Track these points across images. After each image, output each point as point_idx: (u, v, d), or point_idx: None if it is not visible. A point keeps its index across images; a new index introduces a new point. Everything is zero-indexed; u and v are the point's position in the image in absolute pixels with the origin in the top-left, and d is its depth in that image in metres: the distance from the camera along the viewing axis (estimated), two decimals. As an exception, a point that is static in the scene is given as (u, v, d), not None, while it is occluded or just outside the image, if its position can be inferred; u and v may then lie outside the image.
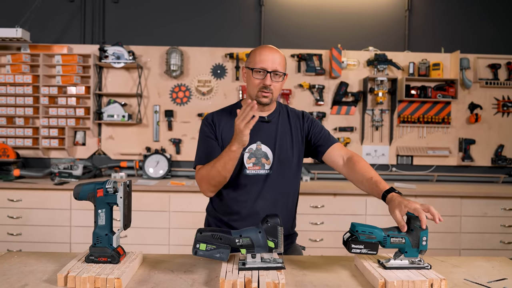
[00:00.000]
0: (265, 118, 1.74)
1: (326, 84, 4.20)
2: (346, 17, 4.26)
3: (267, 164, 1.70)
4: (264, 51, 1.66)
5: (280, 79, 1.67)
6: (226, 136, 1.71)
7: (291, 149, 1.74)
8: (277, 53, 1.68)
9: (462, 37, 4.23)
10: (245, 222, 1.67)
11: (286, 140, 1.74)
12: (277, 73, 1.65)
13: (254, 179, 1.69)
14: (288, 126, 1.77)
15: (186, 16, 4.25)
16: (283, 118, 1.78)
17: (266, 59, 1.64)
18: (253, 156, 1.69)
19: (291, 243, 1.87)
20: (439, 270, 1.35)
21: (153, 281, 1.25)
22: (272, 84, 1.65)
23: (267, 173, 1.70)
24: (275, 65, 1.64)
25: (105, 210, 1.32)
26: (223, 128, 1.74)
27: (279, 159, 1.70)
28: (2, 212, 3.48)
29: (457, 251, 3.55)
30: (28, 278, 1.25)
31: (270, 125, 1.74)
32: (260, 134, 1.71)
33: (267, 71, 1.63)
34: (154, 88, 4.21)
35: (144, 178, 3.96)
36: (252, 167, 1.69)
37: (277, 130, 1.74)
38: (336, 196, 3.52)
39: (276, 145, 1.71)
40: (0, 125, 4.03)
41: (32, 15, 3.92)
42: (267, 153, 1.70)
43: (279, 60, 1.66)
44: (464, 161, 4.21)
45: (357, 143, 4.24)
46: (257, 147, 1.70)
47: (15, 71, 4.01)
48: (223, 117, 1.77)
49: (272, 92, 1.66)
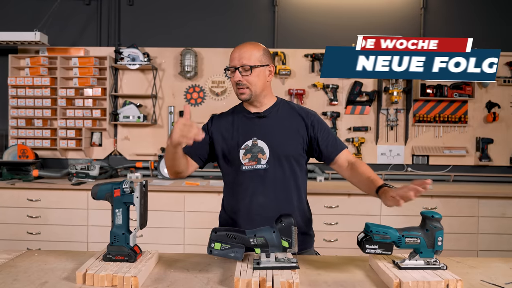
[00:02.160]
0: (260, 114, 1.74)
1: (340, 83, 4.18)
2: (360, 15, 4.23)
3: (263, 159, 1.68)
4: (234, 50, 1.69)
5: (249, 72, 1.64)
6: (220, 133, 1.76)
7: (289, 142, 1.71)
8: (245, 47, 1.68)
9: (478, 35, 4.13)
10: (247, 218, 1.68)
11: (285, 134, 1.71)
12: (245, 67, 1.64)
13: (251, 175, 1.69)
14: (288, 121, 1.74)
15: (200, 17, 4.29)
16: (281, 113, 1.75)
17: (233, 56, 1.67)
18: (249, 152, 1.69)
19: (306, 248, 1.84)
20: (455, 271, 1.33)
21: (169, 279, 1.27)
22: (243, 79, 1.65)
23: (264, 168, 1.68)
24: (241, 60, 1.64)
25: (122, 210, 1.35)
26: (223, 127, 1.77)
27: (276, 153, 1.68)
28: (22, 212, 3.56)
29: (475, 252, 3.49)
30: (48, 275, 1.28)
31: (266, 120, 1.73)
32: (256, 130, 1.71)
33: (235, 67, 1.65)
34: (168, 89, 4.25)
35: (159, 178, 4.00)
36: (248, 162, 1.69)
37: (273, 124, 1.72)
38: (351, 196, 3.50)
39: (272, 139, 1.70)
40: (20, 127, 4.13)
41: (50, 19, 4.00)
42: (263, 148, 1.69)
43: (247, 54, 1.65)
44: (482, 160, 4.14)
45: (371, 143, 4.21)
46: (253, 143, 1.69)
47: (34, 73, 4.10)
48: (225, 117, 1.81)
49: (248, 86, 1.66)
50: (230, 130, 1.75)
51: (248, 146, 1.70)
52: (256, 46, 1.69)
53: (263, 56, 1.68)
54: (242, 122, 1.75)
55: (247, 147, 1.70)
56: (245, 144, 1.70)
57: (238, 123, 1.75)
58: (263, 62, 1.68)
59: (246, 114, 1.76)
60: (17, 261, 1.42)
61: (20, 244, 3.52)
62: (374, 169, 4.15)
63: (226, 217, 1.81)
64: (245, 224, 1.66)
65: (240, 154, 1.70)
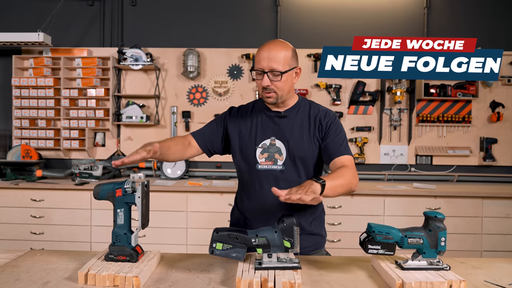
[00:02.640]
0: (281, 113, 1.70)
1: (343, 83, 4.17)
2: (363, 15, 4.22)
3: (280, 159, 1.65)
4: (263, 50, 1.58)
5: (279, 78, 1.57)
6: (237, 128, 1.73)
7: (307, 145, 1.67)
8: (276, 49, 1.57)
9: (482, 34, 4.14)
10: (259, 217, 1.66)
11: (303, 136, 1.67)
12: (274, 72, 1.56)
13: (266, 175, 1.66)
14: (307, 122, 1.69)
15: (202, 17, 4.29)
16: (302, 114, 1.71)
17: (261, 57, 1.57)
18: (266, 151, 1.67)
19: (318, 248, 1.81)
20: (459, 271, 1.32)
21: (170, 279, 1.27)
22: (271, 84, 1.58)
23: (281, 169, 1.65)
24: (271, 64, 1.55)
25: (123, 210, 1.35)
26: (241, 121, 1.74)
27: (293, 155, 1.65)
28: (25, 212, 3.58)
29: (479, 253, 3.47)
30: (50, 275, 1.28)
31: (286, 120, 1.69)
32: (275, 129, 1.68)
33: (264, 71, 1.57)
34: (171, 90, 4.26)
35: (162, 178, 4.01)
36: (264, 162, 1.66)
37: (293, 125, 1.68)
38: (354, 196, 3.49)
39: (290, 140, 1.66)
40: (23, 127, 4.15)
41: (53, 20, 4.02)
42: (280, 149, 1.66)
43: (278, 57, 1.55)
44: (486, 160, 4.12)
45: (375, 143, 4.20)
46: (271, 142, 1.67)
47: (37, 74, 4.11)
48: (244, 111, 1.78)
49: (275, 91, 1.59)
50: (248, 126, 1.72)
51: (265, 145, 1.67)
52: (285, 47, 1.60)
53: (292, 59, 1.61)
54: (261, 120, 1.71)
55: (265, 146, 1.67)
56: (263, 143, 1.67)
57: (257, 120, 1.72)
58: (292, 65, 1.61)
59: (266, 112, 1.72)
60: (19, 261, 1.42)
61: (24, 244, 3.53)
62: (377, 169, 4.18)
63: (238, 214, 1.80)
64: (256, 223, 1.64)
65: (256, 152, 1.67)
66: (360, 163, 4.18)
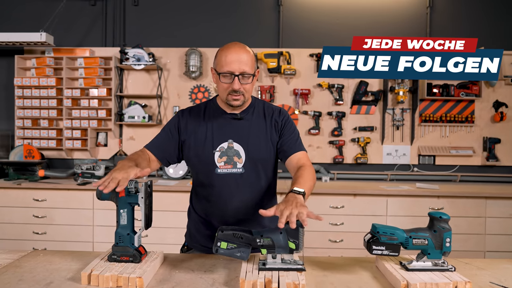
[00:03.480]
0: (237, 115, 1.67)
1: (345, 83, 4.16)
2: (366, 15, 4.21)
3: (239, 162, 1.63)
4: (230, 52, 1.55)
5: (249, 80, 1.57)
6: (192, 132, 1.67)
7: (265, 146, 1.66)
8: (244, 52, 1.56)
9: (485, 34, 4.13)
10: (221, 220, 1.65)
11: (260, 137, 1.66)
12: (245, 75, 1.55)
13: (226, 178, 1.63)
14: (263, 122, 1.68)
15: (205, 17, 4.29)
16: (257, 115, 1.70)
17: (232, 60, 1.53)
18: (224, 155, 1.63)
19: None
20: (464, 272, 1.32)
21: (174, 280, 1.27)
22: (241, 87, 1.56)
23: (241, 172, 1.63)
24: (242, 67, 1.53)
25: (126, 210, 1.34)
26: (194, 124, 1.69)
27: (252, 157, 1.63)
28: (28, 212, 3.58)
29: (482, 253, 3.46)
30: (53, 276, 1.28)
31: (243, 122, 1.67)
32: (232, 132, 1.65)
33: (234, 74, 1.54)
34: (173, 89, 4.25)
35: (164, 178, 4.00)
36: (223, 166, 1.63)
37: (250, 127, 1.66)
38: (356, 196, 3.48)
39: (248, 143, 1.64)
40: (26, 127, 4.15)
41: (56, 20, 4.02)
42: (239, 151, 1.63)
43: (246, 60, 1.55)
44: (489, 160, 4.10)
45: (377, 142, 4.18)
46: (229, 145, 1.63)
47: (40, 74, 4.12)
48: (196, 114, 1.72)
49: (243, 93, 1.58)
50: (203, 129, 1.67)
51: (223, 148, 1.63)
52: (248, 50, 1.59)
53: (255, 61, 1.63)
54: (217, 122, 1.67)
55: (222, 149, 1.63)
56: (221, 146, 1.63)
57: (213, 122, 1.67)
58: (255, 67, 1.62)
59: (221, 114, 1.68)
60: (22, 261, 1.42)
61: (26, 244, 3.54)
62: (380, 169, 4.17)
63: (196, 216, 1.79)
64: (216, 225, 1.65)
65: (215, 156, 1.63)
66: (363, 163, 4.17)
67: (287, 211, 1.23)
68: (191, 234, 1.82)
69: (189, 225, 1.86)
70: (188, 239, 1.84)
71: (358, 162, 4.15)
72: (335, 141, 4.15)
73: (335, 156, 4.17)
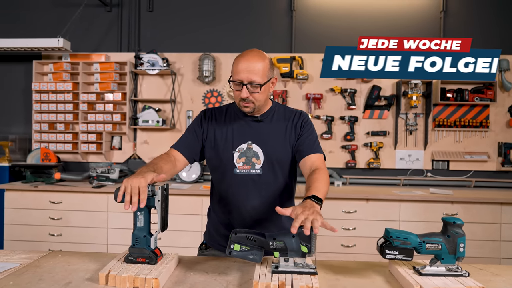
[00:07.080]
0: (257, 118, 1.70)
1: (358, 88, 4.16)
2: (379, 19, 4.21)
3: (258, 164, 1.66)
4: (241, 61, 1.56)
5: (258, 90, 1.57)
6: (213, 132, 1.71)
7: (284, 149, 1.69)
8: (256, 61, 1.56)
9: (500, 38, 4.08)
10: (237, 220, 1.68)
11: (279, 140, 1.69)
12: (253, 84, 1.55)
13: (244, 179, 1.66)
14: (283, 125, 1.71)
15: (218, 23, 4.33)
16: (277, 118, 1.72)
17: (242, 69, 1.55)
18: (243, 155, 1.66)
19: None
20: (478, 278, 1.31)
21: (189, 282, 1.29)
22: (250, 96, 1.57)
23: (258, 173, 1.66)
24: (250, 76, 1.54)
25: (143, 213, 1.37)
26: (216, 125, 1.73)
27: (270, 159, 1.66)
28: (44, 214, 3.65)
29: (497, 260, 3.41)
30: (72, 276, 1.31)
31: (262, 124, 1.70)
32: (252, 133, 1.68)
33: (243, 83, 1.55)
34: (187, 94, 4.30)
35: (178, 182, 4.05)
36: (242, 166, 1.66)
37: (269, 129, 1.69)
38: (369, 201, 3.47)
39: (267, 144, 1.67)
40: (43, 131, 4.24)
41: (73, 26, 4.11)
42: (258, 153, 1.66)
43: (257, 69, 1.55)
44: (504, 166, 4.05)
45: (390, 147, 4.17)
46: (248, 147, 1.66)
47: (57, 79, 4.21)
48: (218, 115, 1.76)
49: (253, 102, 1.59)
50: (224, 130, 1.70)
51: (242, 149, 1.67)
52: (263, 58, 1.59)
53: (269, 70, 1.60)
54: (237, 124, 1.71)
55: (242, 150, 1.67)
56: (240, 147, 1.67)
57: (233, 124, 1.71)
58: (269, 76, 1.61)
59: (241, 116, 1.71)
60: (41, 261, 1.46)
61: (42, 245, 3.60)
62: (393, 174, 4.15)
63: (215, 217, 1.82)
64: (235, 225, 1.68)
65: (234, 157, 1.67)
66: (375, 168, 4.15)
67: (302, 215, 1.24)
68: (210, 233, 1.86)
69: (208, 224, 1.90)
70: (207, 237, 1.88)
71: (370, 167, 4.14)
72: (347, 145, 4.15)
73: (347, 161, 4.16)
